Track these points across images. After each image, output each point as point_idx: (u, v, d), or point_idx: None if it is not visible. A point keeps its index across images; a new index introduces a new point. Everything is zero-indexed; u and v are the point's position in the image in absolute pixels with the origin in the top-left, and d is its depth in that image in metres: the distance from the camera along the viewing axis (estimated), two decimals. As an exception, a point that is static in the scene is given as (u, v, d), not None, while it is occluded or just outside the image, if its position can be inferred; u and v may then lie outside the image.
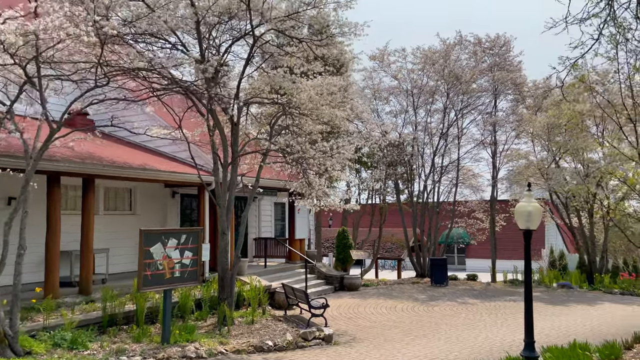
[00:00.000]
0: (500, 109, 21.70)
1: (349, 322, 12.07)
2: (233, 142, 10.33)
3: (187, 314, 10.69)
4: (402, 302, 14.96)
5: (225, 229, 10.14)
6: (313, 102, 9.90)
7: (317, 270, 17.98)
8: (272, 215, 21.19)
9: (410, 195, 22.95)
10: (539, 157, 17.69)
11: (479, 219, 24.22)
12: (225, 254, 10.17)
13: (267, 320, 11.15)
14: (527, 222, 7.85)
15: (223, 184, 10.18)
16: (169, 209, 16.13)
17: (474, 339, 10.24)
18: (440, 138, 21.89)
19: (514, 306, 14.27)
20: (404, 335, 10.50)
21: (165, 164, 14.37)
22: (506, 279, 20.91)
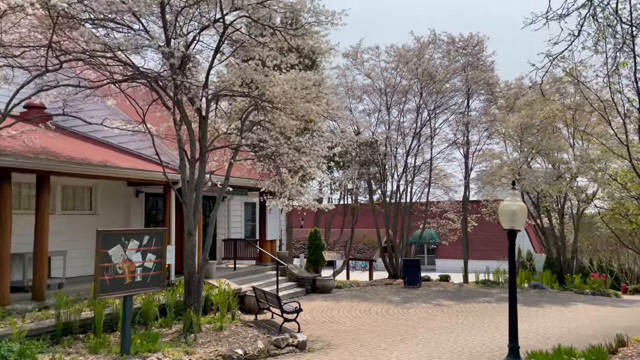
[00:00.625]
0: (473, 108, 21.63)
1: (323, 326, 11.57)
2: (201, 137, 9.68)
3: (150, 320, 9.99)
4: (377, 305, 14.56)
5: (192, 229, 9.49)
6: (287, 96, 9.35)
7: (288, 272, 17.42)
8: (242, 216, 20.53)
9: (383, 195, 22.65)
10: (512, 157, 17.60)
11: (451, 219, 24.15)
12: (192, 256, 9.52)
13: (236, 327, 10.53)
14: (511, 222, 7.51)
15: (190, 181, 9.53)
16: (132, 209, 15.30)
17: (453, 343, 9.88)
18: (414, 138, 21.66)
19: (489, 308, 14.05)
20: (380, 340, 10.06)
21: (129, 161, 13.57)
22: (478, 280, 20.80)
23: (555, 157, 18.38)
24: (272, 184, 12.10)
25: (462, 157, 21.69)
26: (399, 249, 21.76)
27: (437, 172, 23.34)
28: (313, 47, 9.31)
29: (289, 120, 9.77)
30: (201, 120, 9.66)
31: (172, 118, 9.95)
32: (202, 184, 9.73)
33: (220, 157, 11.62)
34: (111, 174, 12.13)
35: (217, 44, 9.32)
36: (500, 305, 14.55)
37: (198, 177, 9.68)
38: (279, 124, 9.72)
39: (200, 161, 9.69)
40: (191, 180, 9.51)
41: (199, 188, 9.68)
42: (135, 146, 15.17)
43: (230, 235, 19.37)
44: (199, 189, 9.71)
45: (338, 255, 20.62)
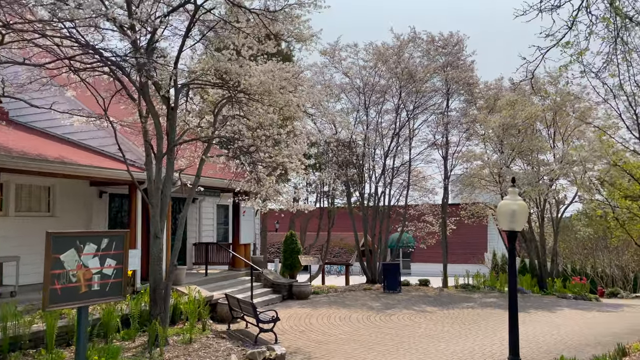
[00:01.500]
0: (453, 108, 21.20)
1: (302, 336, 10.76)
2: (169, 130, 8.79)
3: (111, 332, 9.00)
4: (357, 312, 13.83)
5: (158, 231, 8.57)
6: (265, 86, 8.54)
7: (263, 278, 16.54)
8: (214, 219, 19.56)
9: (361, 197, 21.99)
10: (494, 159, 17.18)
11: (429, 222, 23.67)
12: (158, 262, 8.60)
13: (207, 338, 9.63)
14: (511, 223, 6.87)
15: (156, 178, 8.62)
16: (95, 211, 14.21)
17: (441, 353, 9.21)
18: (392, 138, 21.08)
19: (473, 314, 13.48)
20: (365, 352, 9.32)
21: (91, 158, 12.53)
22: (458, 284, 20.33)
23: (536, 158, 18.03)
24: (248, 184, 11.25)
25: (441, 158, 21.23)
26: (377, 253, 21.12)
27: (416, 174, 22.84)
28: (293, 33, 8.53)
29: (267, 113, 8.95)
30: (169, 111, 8.77)
31: (138, 110, 9.03)
32: (170, 182, 8.83)
33: (191, 154, 10.73)
34: (70, 172, 11.08)
35: (187, 26, 8.45)
36: (484, 310, 14.01)
37: (166, 174, 8.78)
38: (255, 119, 8.88)
39: (168, 157, 8.78)
40: (158, 178, 8.60)
41: (166, 186, 8.78)
42: (98, 143, 14.12)
43: (201, 239, 18.38)
44: (166, 187, 8.81)
45: (315, 260, 19.84)
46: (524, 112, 16.85)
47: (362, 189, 21.92)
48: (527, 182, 16.57)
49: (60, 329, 8.67)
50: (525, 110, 16.98)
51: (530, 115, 16.79)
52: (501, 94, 19.63)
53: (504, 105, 17.63)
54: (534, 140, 17.14)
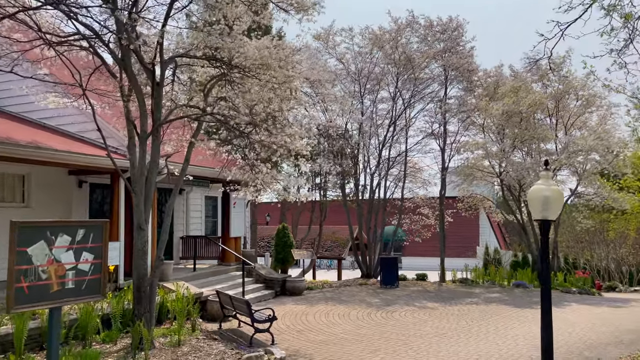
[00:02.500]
0: (452, 96, 20.43)
1: (300, 336, 9.93)
2: (154, 108, 7.85)
3: (90, 335, 8.08)
4: (355, 308, 13.04)
5: (142, 222, 7.65)
6: (262, 59, 7.64)
7: (255, 273, 15.67)
8: (202, 211, 18.62)
9: (356, 189, 21.18)
10: (495, 149, 16.46)
11: (425, 215, 22.96)
12: (142, 256, 7.69)
13: (197, 340, 8.74)
14: (543, 211, 6.07)
15: (140, 162, 7.69)
16: (74, 202, 13.20)
17: (455, 355, 8.44)
18: (389, 128, 20.29)
19: (478, 310, 12.76)
20: (371, 354, 8.52)
21: (69, 144, 11.53)
22: (455, 278, 19.67)
23: (538, 148, 17.36)
24: (241, 171, 10.35)
25: (439, 148, 20.46)
26: (372, 247, 20.36)
27: (412, 165, 22.09)
28: (294, 1, 7.63)
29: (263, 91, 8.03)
30: (154, 87, 7.82)
31: (119, 87, 8.07)
32: (156, 167, 7.90)
33: (178, 138, 9.79)
34: (45, 158, 10.09)
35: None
36: (489, 306, 13.31)
37: (151, 159, 7.85)
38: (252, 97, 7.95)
39: (153, 138, 7.85)
40: (141, 162, 7.67)
41: (151, 172, 7.86)
42: (78, 129, 13.09)
43: (189, 232, 17.44)
44: (151, 172, 7.88)
45: (308, 254, 19.01)
46: (527, 99, 16.15)
47: (357, 180, 21.11)
48: (533, 171, 15.87)
49: (32, 332, 7.74)
50: (529, 97, 16.28)
51: (535, 102, 16.10)
52: (502, 82, 18.91)
53: (507, 92, 16.90)
54: (538, 128, 16.45)
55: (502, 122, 16.89)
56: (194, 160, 14.18)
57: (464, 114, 19.42)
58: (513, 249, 32.91)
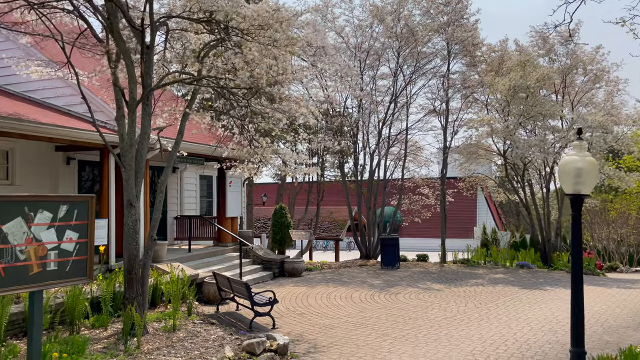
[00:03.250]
0: (455, 71, 19.74)
1: (302, 320, 9.42)
2: (144, 73, 7.17)
3: (78, 319, 7.51)
4: (357, 290, 12.55)
5: (132, 198, 7.03)
6: (263, 19, 6.94)
7: (252, 254, 15.15)
8: (197, 191, 18.00)
9: (355, 169, 20.59)
10: (503, 125, 15.84)
11: (425, 195, 22.47)
12: (133, 235, 7.09)
13: (194, 325, 8.21)
14: (576, 185, 5.51)
15: (129, 133, 7.03)
16: (62, 179, 12.53)
17: (468, 339, 7.96)
18: (390, 104, 19.63)
19: (485, 292, 12.31)
20: (379, 338, 8.02)
21: (55, 118, 10.83)
22: (456, 259, 19.25)
23: (545, 124, 16.78)
24: (238, 147, 9.72)
25: (441, 125, 19.84)
26: (372, 227, 19.85)
27: (412, 144, 21.48)
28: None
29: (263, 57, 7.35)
30: (144, 50, 7.13)
31: (106, 51, 7.37)
32: (147, 138, 7.25)
33: (171, 110, 9.11)
34: (28, 132, 9.41)
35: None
36: (496, 288, 12.86)
37: (141, 130, 7.20)
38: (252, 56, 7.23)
39: (143, 105, 7.19)
40: (131, 132, 7.02)
41: (141, 144, 7.21)
42: (65, 102, 12.37)
43: (183, 212, 16.84)
44: (141, 145, 7.23)
45: (306, 234, 18.49)
46: (535, 73, 15.51)
47: (356, 160, 20.51)
48: (539, 149, 15.32)
49: (15, 317, 7.17)
50: (536, 71, 15.64)
51: (543, 77, 15.47)
52: (507, 56, 18.23)
53: (513, 67, 16.24)
54: (545, 104, 15.84)
55: (509, 97, 16.24)
56: (188, 136, 13.52)
57: (468, 89, 18.75)
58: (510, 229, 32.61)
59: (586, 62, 16.72)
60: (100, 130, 7.65)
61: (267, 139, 8.89)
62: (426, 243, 38.28)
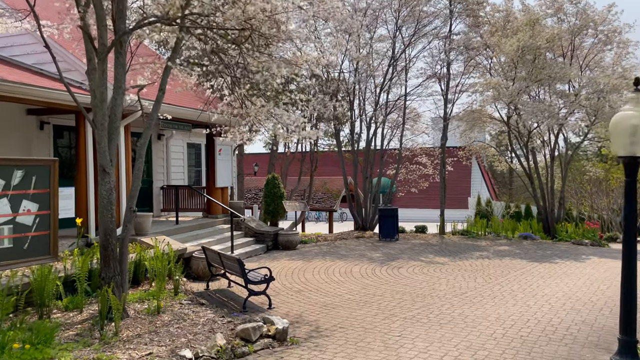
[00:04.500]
0: (458, 31, 18.65)
1: (301, 298, 8.63)
2: (117, 16, 6.10)
3: (48, 301, 6.61)
4: (357, 264, 11.79)
5: (106, 164, 6.07)
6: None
7: (244, 226, 14.29)
8: (184, 159, 17.00)
9: (352, 136, 19.63)
10: (511, 88, 14.87)
11: (422, 164, 21.66)
12: (108, 206, 6.15)
13: (181, 306, 7.37)
14: (632, 145, 4.66)
15: (99, 86, 6.00)
16: (35, 146, 11.48)
17: (485, 320, 7.22)
18: (388, 67, 18.56)
19: (494, 265, 11.60)
20: (386, 320, 7.24)
21: (23, 77, 9.71)
22: (455, 230, 18.58)
23: (554, 88, 15.87)
24: (228, 108, 8.71)
25: (441, 91, 18.85)
26: (368, 198, 19.03)
27: (411, 111, 20.53)
28: None
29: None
30: (116, -11, 6.05)
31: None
32: (122, 93, 6.23)
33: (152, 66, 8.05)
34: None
35: None
36: (504, 261, 12.16)
37: (115, 82, 6.17)
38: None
39: (116, 54, 6.15)
40: (101, 85, 5.99)
41: (116, 99, 6.19)
42: (36, 60, 11.20)
43: (170, 181, 15.88)
44: (116, 100, 6.22)
45: (300, 205, 17.61)
46: (545, 32, 14.51)
47: (352, 127, 19.53)
48: (549, 114, 14.46)
49: (-25, 300, 6.26)
50: (547, 30, 14.65)
51: (553, 37, 14.48)
52: (512, 16, 17.17)
53: (521, 26, 15.21)
54: (554, 67, 14.89)
55: (515, 59, 15.26)
56: (174, 98, 12.43)
57: (473, 50, 17.70)
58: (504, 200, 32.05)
59: (597, 21, 15.73)
60: (69, 88, 6.60)
61: (260, 99, 7.90)
62: (420, 214, 37.72)
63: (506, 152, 22.13)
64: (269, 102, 7.82)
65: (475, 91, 16.90)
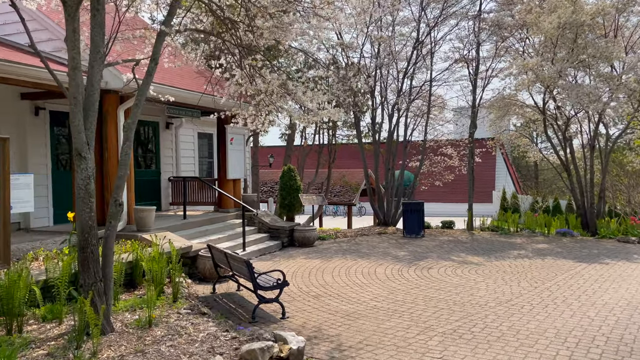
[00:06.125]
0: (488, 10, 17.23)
1: (319, 305, 7.49)
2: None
3: (19, 311, 5.57)
4: (381, 264, 10.62)
5: (81, 146, 4.98)
6: None
7: (258, 221, 13.20)
8: (195, 150, 15.98)
9: (373, 126, 18.39)
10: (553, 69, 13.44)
11: (447, 155, 20.36)
12: (85, 198, 5.07)
13: (179, 316, 6.27)
14: None
15: (72, 49, 4.90)
16: (30, 133, 10.52)
17: (541, 336, 5.98)
18: (413, 51, 17.26)
19: (536, 267, 10.31)
20: (422, 334, 6.06)
21: (10, 55, 8.71)
22: (484, 226, 17.27)
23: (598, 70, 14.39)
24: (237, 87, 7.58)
25: (469, 75, 17.45)
26: (390, 191, 17.80)
27: (436, 99, 19.21)
28: None
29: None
30: None
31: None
32: (100, 58, 5.11)
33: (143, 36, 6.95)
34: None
35: None
36: (546, 261, 10.86)
37: (91, 44, 5.08)
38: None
39: (92, 12, 5.05)
40: (73, 47, 4.88)
41: (92, 66, 5.09)
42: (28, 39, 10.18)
43: (179, 173, 14.87)
44: (92, 67, 5.12)
45: (318, 199, 16.47)
46: (590, 7, 13.07)
47: (373, 115, 18.27)
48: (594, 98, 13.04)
49: None
50: (589, 6, 13.20)
51: (599, 11, 13.03)
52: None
53: (562, 1, 13.74)
54: (599, 45, 13.43)
55: (554, 39, 13.83)
56: (177, 82, 11.38)
57: (506, 30, 16.23)
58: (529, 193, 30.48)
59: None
60: (43, 57, 5.52)
61: (274, 74, 6.75)
62: (443, 208, 36.31)
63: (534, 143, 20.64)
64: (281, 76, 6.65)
65: (509, 74, 15.50)
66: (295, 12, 6.96)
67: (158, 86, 9.60)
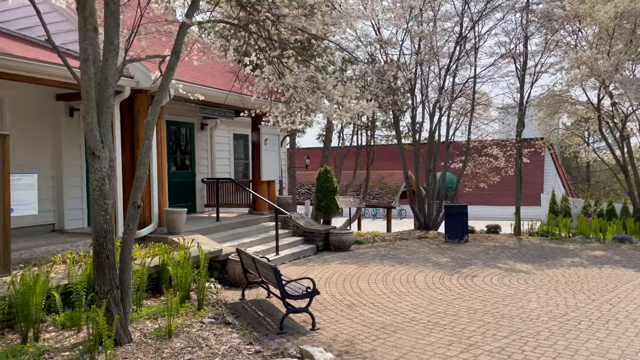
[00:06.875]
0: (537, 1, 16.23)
1: (353, 315, 6.97)
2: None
3: (35, 318, 5.32)
4: (421, 270, 9.99)
5: (95, 145, 4.67)
6: None
7: (292, 224, 12.80)
8: (230, 151, 15.77)
9: (413, 126, 17.69)
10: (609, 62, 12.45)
11: (493, 156, 19.39)
12: (100, 200, 4.76)
13: (202, 326, 5.90)
14: None
15: (84, 40, 4.60)
16: (65, 133, 10.49)
17: (602, 357, 5.26)
18: (456, 46, 16.48)
19: (593, 276, 9.43)
20: (466, 353, 5.45)
21: (41, 55, 8.63)
22: (533, 230, 16.28)
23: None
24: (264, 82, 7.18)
25: (517, 71, 16.51)
26: (431, 193, 17.06)
27: (480, 96, 18.31)
28: None
29: None
30: None
31: None
32: (114, 50, 4.79)
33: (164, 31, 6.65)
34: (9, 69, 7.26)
35: None
36: (603, 270, 9.95)
37: (105, 35, 4.77)
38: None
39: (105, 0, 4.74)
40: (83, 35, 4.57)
41: (106, 59, 4.78)
42: (62, 40, 10.14)
43: (214, 174, 14.68)
44: (106, 60, 4.80)
45: (355, 201, 15.93)
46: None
47: (413, 114, 17.58)
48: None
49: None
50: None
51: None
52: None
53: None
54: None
55: (611, 30, 12.81)
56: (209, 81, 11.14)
57: (557, 22, 15.23)
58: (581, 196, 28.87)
59: None
60: (59, 51, 5.27)
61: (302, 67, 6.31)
62: (487, 211, 34.94)
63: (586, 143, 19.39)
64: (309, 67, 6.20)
65: (560, 69, 14.53)
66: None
67: (188, 85, 9.34)
